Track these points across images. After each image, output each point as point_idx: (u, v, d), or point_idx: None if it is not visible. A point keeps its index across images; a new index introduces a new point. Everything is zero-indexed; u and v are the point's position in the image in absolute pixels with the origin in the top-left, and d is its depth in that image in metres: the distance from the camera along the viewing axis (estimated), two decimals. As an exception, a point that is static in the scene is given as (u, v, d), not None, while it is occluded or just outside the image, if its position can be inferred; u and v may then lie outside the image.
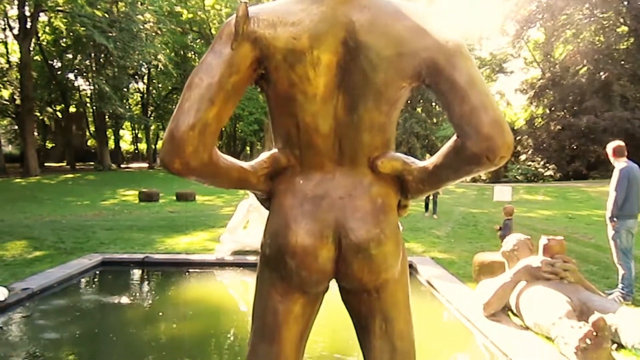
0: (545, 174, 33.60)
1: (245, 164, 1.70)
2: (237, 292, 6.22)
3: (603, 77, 32.80)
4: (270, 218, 1.75)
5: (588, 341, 3.10)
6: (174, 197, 17.52)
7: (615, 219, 5.34)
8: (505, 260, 5.19)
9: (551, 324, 3.89)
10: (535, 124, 37.29)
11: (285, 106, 1.63)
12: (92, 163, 36.17)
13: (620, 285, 5.41)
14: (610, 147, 5.52)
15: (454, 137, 1.51)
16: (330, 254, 1.64)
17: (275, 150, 1.75)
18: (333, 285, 1.78)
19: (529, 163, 35.00)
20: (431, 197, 12.27)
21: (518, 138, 35.40)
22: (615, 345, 3.82)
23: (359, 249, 1.62)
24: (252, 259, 6.76)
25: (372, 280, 1.68)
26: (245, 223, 7.72)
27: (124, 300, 5.69)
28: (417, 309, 1.88)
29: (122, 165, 39.16)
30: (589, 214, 14.25)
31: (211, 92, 1.48)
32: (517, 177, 32.60)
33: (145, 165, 39.43)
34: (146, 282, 6.82)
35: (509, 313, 4.77)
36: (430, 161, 1.64)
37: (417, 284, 6.09)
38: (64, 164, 37.76)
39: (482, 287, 4.99)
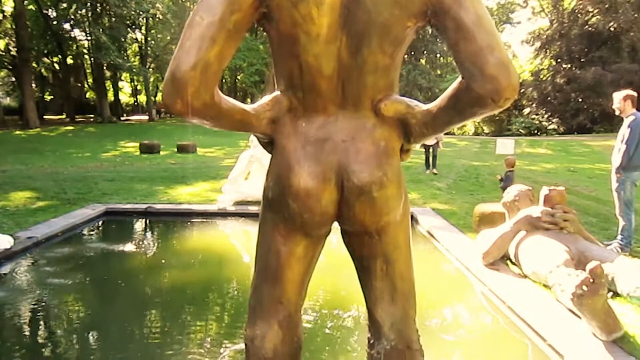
0: (548, 128, 33.41)
1: (247, 107, 1.67)
2: (239, 241, 6.30)
3: (612, 27, 31.98)
4: (272, 161, 1.74)
5: (584, 288, 3.13)
6: (175, 149, 17.51)
7: (621, 170, 5.31)
8: (506, 210, 5.22)
9: (549, 272, 3.94)
10: (541, 77, 36.72)
11: (287, 47, 1.59)
12: (92, 115, 35.90)
13: (619, 237, 5.45)
14: (621, 95, 5.35)
15: (459, 79, 1.48)
16: (332, 197, 1.64)
17: (277, 92, 1.72)
18: (335, 235, 1.78)
19: (533, 116, 34.72)
20: (431, 151, 12.12)
21: (522, 91, 34.95)
22: (611, 294, 3.88)
23: (362, 192, 1.62)
24: (253, 209, 6.81)
25: (373, 222, 1.68)
26: (247, 174, 7.74)
27: (128, 248, 5.77)
28: (418, 258, 1.90)
29: (122, 118, 38.89)
30: (591, 167, 14.25)
31: (212, 30, 1.43)
32: (520, 130, 32.41)
33: (145, 117, 39.16)
34: (149, 232, 6.91)
35: (508, 262, 4.84)
36: (434, 104, 1.62)
37: (417, 234, 6.16)
38: (64, 116, 37.49)
39: (482, 237, 5.04)
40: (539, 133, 32.29)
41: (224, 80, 36.59)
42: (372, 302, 1.83)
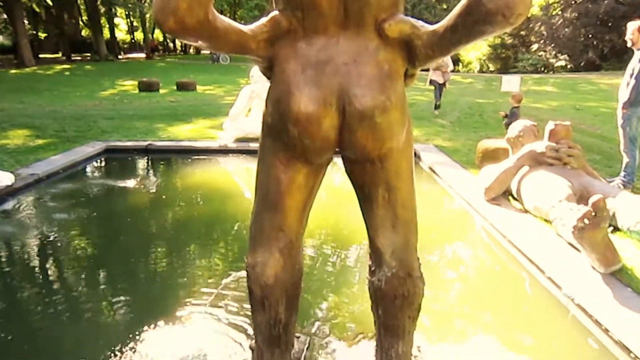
0: (556, 65, 32.66)
1: (244, 28, 1.58)
2: (240, 178, 6.29)
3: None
4: (272, 85, 1.67)
5: (586, 221, 3.13)
6: (174, 87, 17.21)
7: (628, 106, 5.17)
8: (510, 146, 5.15)
9: (550, 207, 3.94)
10: (550, 11, 35.43)
11: None
12: (88, 54, 35.08)
13: (622, 173, 5.41)
14: (636, 25, 5.08)
15: None
16: (334, 122, 1.59)
17: (275, 12, 1.62)
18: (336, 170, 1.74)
19: (540, 53, 33.84)
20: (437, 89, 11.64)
21: (531, 26, 33.90)
22: (611, 228, 3.89)
23: (364, 117, 1.56)
24: (255, 146, 6.72)
25: (376, 148, 1.63)
26: (248, 110, 7.62)
27: (130, 185, 5.77)
28: (419, 193, 1.87)
29: (120, 56, 38.02)
30: (598, 105, 14.02)
31: None
32: (526, 67, 31.69)
33: (143, 55, 38.29)
34: (150, 169, 6.89)
35: (510, 198, 4.83)
36: (440, 24, 1.52)
37: (419, 170, 6.13)
38: (59, 55, 36.65)
39: (485, 173, 5.01)
40: (545, 70, 31.61)
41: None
42: (373, 230, 1.82)
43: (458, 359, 2.41)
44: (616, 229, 3.96)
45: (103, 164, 6.87)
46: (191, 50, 43.05)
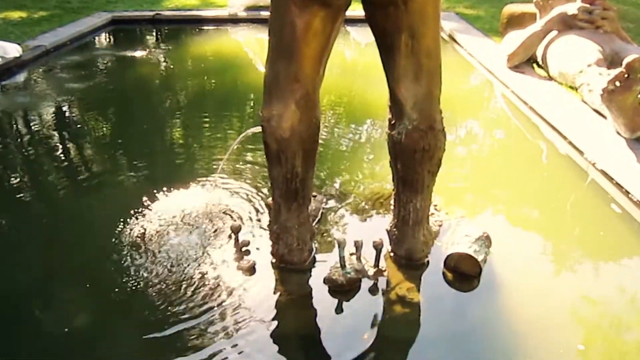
0: None
1: None
2: (251, 48, 6.06)
3: None
4: None
5: (617, 83, 2.97)
6: (178, -45, 16.07)
7: None
8: (538, 10, 4.79)
9: (578, 72, 3.74)
10: None
11: None
12: None
13: (657, 39, 5.09)
14: None
15: None
16: (354, -46, 1.42)
17: None
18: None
19: None
20: None
21: None
22: (640, 95, 3.73)
23: None
24: (266, 14, 6.38)
25: (400, -13, 1.48)
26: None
27: (139, 55, 5.61)
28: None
29: None
30: (636, -30, 12.88)
31: None
32: None
33: None
34: (159, 39, 6.66)
35: (534, 65, 4.60)
36: None
37: (439, 39, 5.84)
38: None
39: (509, 39, 4.73)
40: None
41: None
42: (395, 80, 1.72)
43: (476, 219, 2.43)
44: (645, 96, 3.79)
45: (111, 35, 6.64)
46: None
